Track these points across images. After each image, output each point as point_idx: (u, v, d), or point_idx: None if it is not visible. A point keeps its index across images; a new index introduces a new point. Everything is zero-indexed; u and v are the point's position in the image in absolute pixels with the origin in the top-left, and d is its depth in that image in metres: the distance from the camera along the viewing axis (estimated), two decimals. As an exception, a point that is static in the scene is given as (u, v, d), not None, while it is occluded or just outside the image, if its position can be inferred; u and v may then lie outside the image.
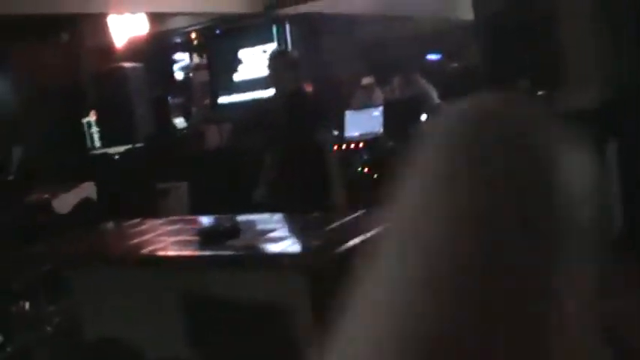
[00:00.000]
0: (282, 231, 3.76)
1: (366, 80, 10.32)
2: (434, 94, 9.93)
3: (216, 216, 4.52)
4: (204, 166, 8.38)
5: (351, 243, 3.32)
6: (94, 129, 9.56)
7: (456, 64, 12.34)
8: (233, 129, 9.89)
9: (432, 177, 0.87)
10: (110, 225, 5.29)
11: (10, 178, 9.62)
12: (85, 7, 8.58)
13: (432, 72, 11.82)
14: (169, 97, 11.26)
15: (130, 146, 8.06)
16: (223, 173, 7.85)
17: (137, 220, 4.98)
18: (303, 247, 3.52)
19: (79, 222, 7.80)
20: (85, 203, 8.17)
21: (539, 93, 6.80)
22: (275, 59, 5.83)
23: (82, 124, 9.71)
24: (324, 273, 3.40)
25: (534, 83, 6.51)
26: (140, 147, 7.87)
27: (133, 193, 8.01)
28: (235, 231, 3.75)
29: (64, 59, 10.47)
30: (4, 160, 9.79)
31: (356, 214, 3.91)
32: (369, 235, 3.46)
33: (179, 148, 9.73)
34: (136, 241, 4.37)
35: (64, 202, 8.04)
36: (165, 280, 3.98)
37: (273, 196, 5.62)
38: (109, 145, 8.90)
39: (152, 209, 8.38)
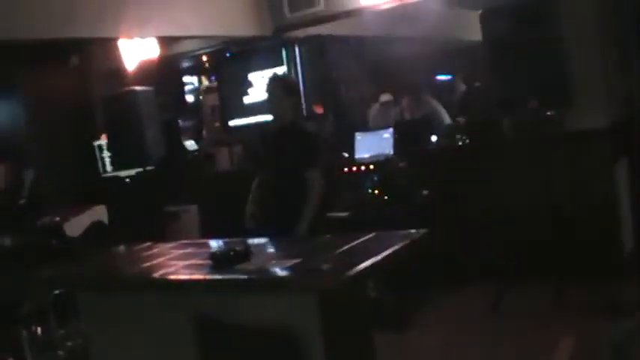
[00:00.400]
0: (292, 254, 3.75)
1: (385, 97, 10.34)
2: (445, 115, 9.94)
3: (227, 239, 4.53)
4: (215, 189, 8.40)
5: (362, 266, 3.32)
6: (105, 152, 9.59)
7: (465, 85, 12.35)
8: (244, 151, 9.91)
9: None
10: (121, 248, 5.29)
11: (22, 201, 9.65)
12: (95, 31, 8.61)
13: (442, 93, 11.85)
14: (180, 120, 11.31)
15: (140, 169, 8.08)
16: (234, 196, 7.86)
17: (148, 244, 4.99)
18: (314, 271, 3.51)
19: (90, 245, 7.83)
20: (96, 226, 8.19)
21: (548, 113, 6.81)
22: (273, 84, 5.74)
23: (93, 148, 9.75)
24: (334, 296, 3.41)
25: (543, 104, 6.52)
26: (151, 170, 7.89)
27: (144, 216, 8.03)
28: (246, 254, 3.75)
29: (75, 83, 10.51)
30: (15, 183, 9.83)
31: (367, 237, 3.90)
32: (379, 257, 3.47)
33: (190, 170, 9.76)
34: (147, 264, 4.38)
35: (76, 226, 8.06)
36: (176, 304, 3.98)
37: (254, 221, 5.62)
38: (120, 169, 8.92)
39: (163, 232, 8.40)
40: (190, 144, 10.84)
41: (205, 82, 13.25)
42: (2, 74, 10.49)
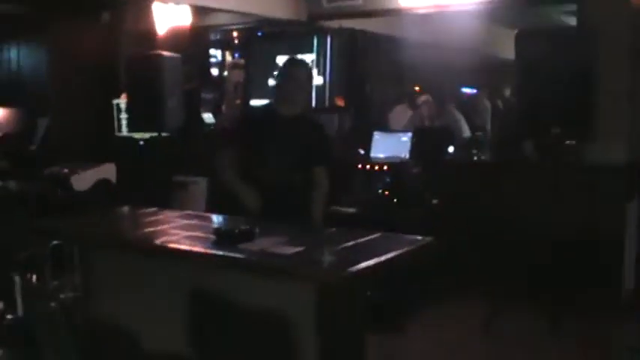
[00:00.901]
0: (297, 242, 3.73)
1: (424, 97, 10.30)
2: (465, 127, 9.93)
3: (233, 217, 4.52)
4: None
5: (364, 264, 3.31)
6: (123, 112, 9.58)
7: (490, 102, 12.32)
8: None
9: None
10: (125, 209, 5.29)
11: (33, 148, 9.67)
12: (131, -9, 8.63)
13: (466, 105, 11.83)
14: (202, 92, 11.29)
15: (155, 134, 8.06)
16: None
17: (153, 209, 4.98)
18: (316, 262, 3.50)
19: (94, 201, 7.83)
20: (103, 183, 8.19)
21: (569, 142, 6.79)
22: (300, 69, 5.31)
23: (111, 105, 9.74)
24: (333, 290, 3.39)
25: (565, 132, 6.49)
26: (166, 136, 7.87)
27: (152, 181, 8.02)
28: (251, 235, 3.74)
29: (103, 39, 10.51)
30: (28, 129, 9.84)
31: (372, 236, 3.89)
32: (382, 258, 3.46)
33: (204, 143, 9.75)
34: (149, 229, 4.37)
35: (83, 180, 8.07)
36: (173, 274, 3.98)
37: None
38: (136, 130, 8.91)
39: (168, 200, 8.40)
40: (208, 117, 10.84)
41: (229, 58, 13.24)
42: (33, 20, 10.50)
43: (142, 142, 8.98)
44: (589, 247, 6.69)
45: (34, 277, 5.28)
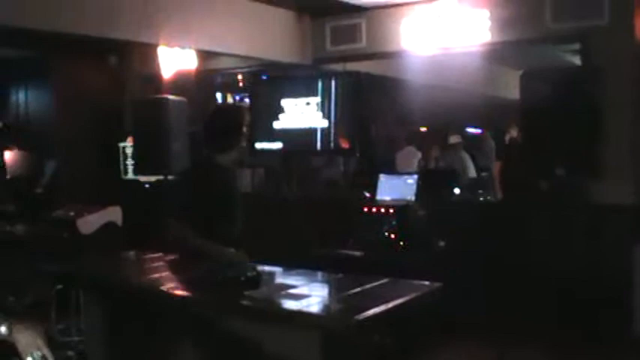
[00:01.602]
0: (302, 288, 3.72)
1: (454, 139, 10.30)
2: (471, 168, 9.93)
3: (239, 262, 4.50)
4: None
5: (372, 311, 3.29)
6: (129, 155, 9.61)
7: (494, 142, 12.33)
8: (265, 175, 9.93)
9: None
10: (131, 254, 5.28)
11: (39, 191, 9.68)
12: (137, 35, 8.67)
13: (471, 145, 11.84)
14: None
15: (161, 177, 8.07)
16: (250, 217, 7.84)
17: (159, 254, 4.97)
18: (322, 309, 3.49)
19: (100, 245, 7.82)
20: (109, 227, 8.18)
21: (575, 183, 6.79)
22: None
23: (117, 148, 9.77)
24: (340, 338, 3.37)
25: (570, 172, 6.48)
26: (171, 179, 7.88)
27: (159, 224, 8.01)
28: (256, 282, 3.73)
29: (110, 82, 10.57)
30: (35, 172, 9.87)
31: (379, 282, 3.87)
32: (389, 306, 3.44)
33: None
34: (155, 275, 4.36)
35: (89, 223, 8.06)
36: (179, 319, 3.96)
37: None
38: (141, 173, 8.93)
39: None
40: (213, 159, 10.83)
41: (229, 101, 13.30)
42: (40, 63, 10.58)
43: (147, 185, 8.99)
44: (596, 288, 6.65)
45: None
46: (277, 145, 8.65)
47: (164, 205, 7.54)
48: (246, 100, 13.44)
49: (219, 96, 13.55)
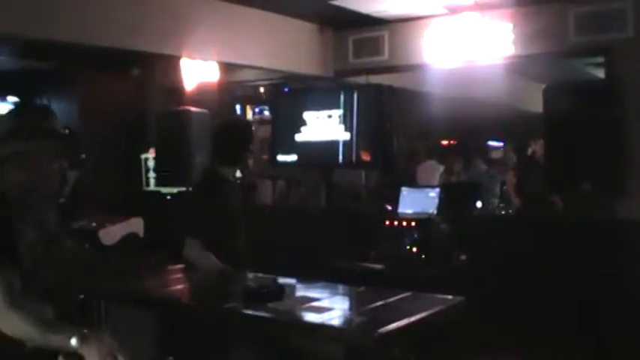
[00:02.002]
0: (325, 301, 3.71)
1: (497, 154, 10.25)
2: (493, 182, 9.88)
3: (261, 275, 4.49)
4: (252, 220, 8.37)
5: (394, 325, 3.27)
6: (151, 166, 9.65)
7: (516, 156, 12.29)
8: (286, 188, 9.93)
9: None
10: (154, 267, 5.27)
11: (61, 201, 9.72)
12: (160, 47, 8.72)
13: (493, 159, 11.81)
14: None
15: (183, 189, 8.10)
16: (271, 230, 7.85)
17: (180, 266, 4.96)
18: (344, 322, 3.47)
19: (122, 256, 7.83)
20: (131, 238, 8.20)
21: (599, 197, 6.74)
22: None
23: (139, 160, 9.81)
24: (362, 352, 3.35)
25: (595, 187, 6.45)
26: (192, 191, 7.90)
27: (180, 235, 8.02)
28: (279, 294, 3.72)
29: (133, 94, 10.63)
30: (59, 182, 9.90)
31: (402, 295, 3.85)
32: (412, 319, 3.42)
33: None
34: (176, 287, 4.36)
35: (110, 234, 8.08)
36: (202, 333, 3.95)
37: None
38: (163, 185, 8.96)
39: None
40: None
41: (249, 113, 13.35)
42: (64, 75, 10.64)
43: (169, 197, 9.01)
44: (620, 303, 6.59)
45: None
46: (293, 158, 8.64)
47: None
48: (266, 112, 13.53)
49: (238, 108, 13.61)
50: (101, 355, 2.68)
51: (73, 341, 2.69)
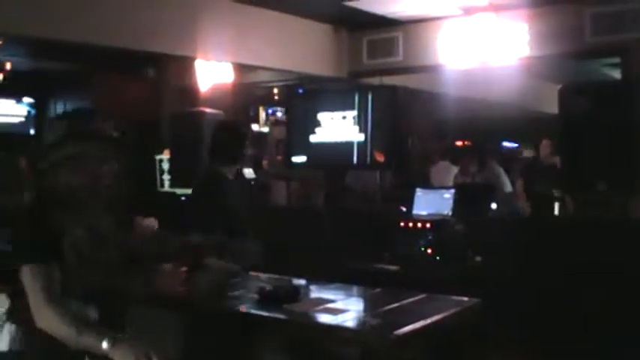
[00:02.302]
0: (340, 303, 3.70)
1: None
2: (507, 183, 9.85)
3: (277, 277, 4.48)
4: (267, 221, 8.38)
5: (410, 327, 3.26)
6: (165, 168, 9.66)
7: (531, 156, 12.25)
8: (301, 189, 9.91)
9: None
10: (168, 266, 5.27)
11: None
12: (175, 49, 8.75)
13: (507, 160, 11.77)
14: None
15: (198, 190, 8.10)
16: (285, 231, 7.84)
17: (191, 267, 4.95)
18: (360, 324, 3.47)
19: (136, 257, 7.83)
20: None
21: (616, 197, 6.70)
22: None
23: (154, 161, 9.82)
24: (377, 354, 3.34)
25: (611, 187, 6.42)
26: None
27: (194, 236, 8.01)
28: (295, 295, 3.71)
29: (147, 94, 10.65)
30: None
31: (417, 297, 3.84)
32: (428, 320, 3.41)
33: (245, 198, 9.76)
34: (189, 288, 4.35)
35: (125, 235, 8.07)
36: (216, 334, 3.94)
37: None
38: (177, 186, 8.96)
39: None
40: (249, 172, 10.87)
41: (262, 114, 13.37)
42: (79, 76, 10.68)
43: (183, 198, 9.02)
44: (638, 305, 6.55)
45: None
46: (307, 159, 8.62)
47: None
48: (278, 113, 13.54)
49: (265, 110, 13.67)
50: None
51: (104, 344, 2.74)
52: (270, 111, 13.97)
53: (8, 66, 9.55)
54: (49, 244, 2.95)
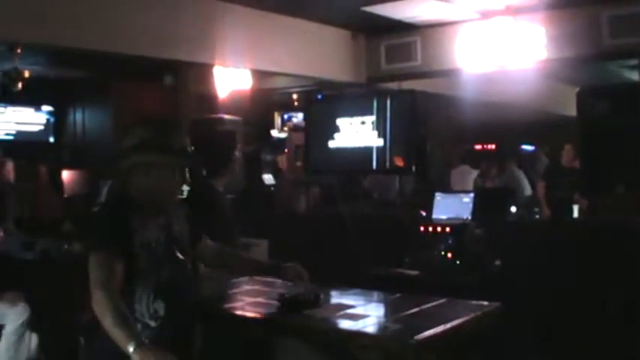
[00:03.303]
0: (360, 308, 3.72)
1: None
2: (526, 186, 9.84)
3: (297, 283, 4.49)
4: (287, 227, 8.40)
5: (431, 332, 3.27)
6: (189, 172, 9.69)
7: (548, 159, 12.22)
8: (321, 194, 9.92)
9: None
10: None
11: (95, 209, 9.79)
12: (193, 56, 8.79)
13: (526, 163, 11.75)
14: (263, 154, 11.40)
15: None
16: (305, 237, 7.86)
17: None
18: (380, 330, 3.48)
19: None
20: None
21: (634, 200, 6.67)
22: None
23: (173, 168, 9.85)
24: (397, 359, 3.35)
25: (629, 189, 6.41)
26: (227, 198, 7.93)
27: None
28: (316, 302, 3.73)
29: (165, 102, 10.70)
30: (92, 191, 10.00)
31: (438, 302, 3.85)
32: (449, 325, 3.42)
33: (265, 204, 9.80)
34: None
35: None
36: (239, 341, 3.96)
37: None
38: (197, 193, 8.99)
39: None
40: (269, 178, 10.91)
41: (293, 120, 13.40)
42: (98, 84, 10.74)
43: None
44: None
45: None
46: (326, 164, 8.60)
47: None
48: (294, 119, 13.58)
49: (283, 116, 13.71)
50: None
51: (131, 346, 2.86)
52: (286, 117, 14.01)
53: (27, 74, 9.61)
54: (116, 238, 3.16)
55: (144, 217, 3.29)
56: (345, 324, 3.48)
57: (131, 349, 2.85)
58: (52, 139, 12.12)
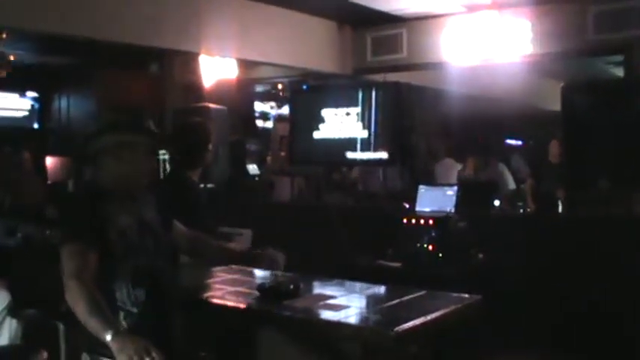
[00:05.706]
0: (341, 299, 3.72)
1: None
2: (510, 179, 9.85)
3: (277, 273, 4.49)
4: (271, 217, 8.39)
5: (410, 323, 3.27)
6: (168, 163, 9.67)
7: (534, 153, 12.25)
8: (305, 184, 9.92)
9: None
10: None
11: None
12: (179, 44, 8.76)
13: (510, 157, 11.77)
14: (247, 144, 11.37)
15: (201, 185, 8.11)
16: (289, 227, 7.86)
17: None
18: (361, 321, 3.48)
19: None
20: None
21: (617, 194, 6.70)
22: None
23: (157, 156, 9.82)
24: (378, 350, 3.36)
25: (614, 183, 6.43)
26: (211, 188, 7.91)
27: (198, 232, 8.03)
28: (295, 292, 3.72)
29: (151, 90, 10.66)
30: (76, 179, 9.96)
31: (418, 294, 3.85)
32: (429, 317, 3.42)
33: (249, 194, 9.78)
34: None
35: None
36: (216, 330, 3.95)
37: None
38: (181, 181, 8.96)
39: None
40: (253, 168, 10.89)
41: (278, 110, 13.38)
42: (83, 71, 10.70)
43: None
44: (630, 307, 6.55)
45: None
46: (311, 155, 8.60)
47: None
48: (282, 109, 13.55)
49: (268, 106, 13.68)
50: (127, 356, 2.77)
51: (108, 334, 2.83)
52: (273, 106, 13.98)
53: (12, 58, 9.55)
54: (89, 228, 3.13)
55: (116, 204, 3.26)
56: (325, 314, 3.48)
57: (109, 338, 2.82)
58: (36, 126, 12.06)
